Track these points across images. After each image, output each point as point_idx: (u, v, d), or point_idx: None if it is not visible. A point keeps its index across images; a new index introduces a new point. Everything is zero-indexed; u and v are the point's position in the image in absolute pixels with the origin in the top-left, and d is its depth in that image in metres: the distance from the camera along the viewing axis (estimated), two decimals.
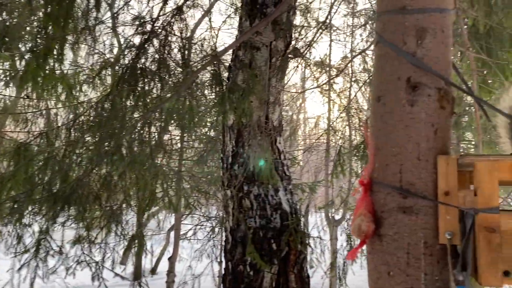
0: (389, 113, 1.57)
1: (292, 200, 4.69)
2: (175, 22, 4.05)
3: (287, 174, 4.78)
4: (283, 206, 4.55)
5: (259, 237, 4.40)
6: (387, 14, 1.63)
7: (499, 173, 1.34)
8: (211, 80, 4.38)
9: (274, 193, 4.55)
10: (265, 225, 4.43)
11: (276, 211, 4.50)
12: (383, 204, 1.53)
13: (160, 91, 4.12)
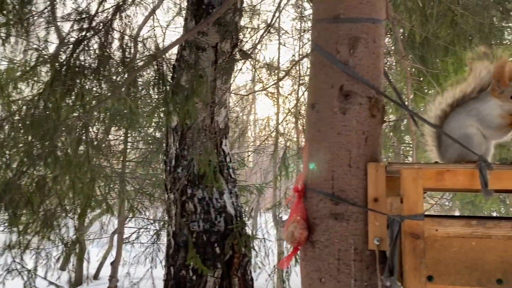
0: (322, 121, 1.58)
1: (237, 203, 4.67)
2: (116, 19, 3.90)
3: (233, 176, 4.75)
4: (228, 209, 4.51)
5: (203, 241, 4.34)
6: (321, 22, 1.64)
7: (423, 181, 1.39)
8: (154, 80, 4.26)
9: (219, 196, 4.50)
10: (209, 228, 4.38)
11: (220, 214, 4.46)
12: (316, 211, 1.54)
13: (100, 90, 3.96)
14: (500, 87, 1.49)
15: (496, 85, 1.49)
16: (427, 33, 3.77)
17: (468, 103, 1.56)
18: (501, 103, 1.49)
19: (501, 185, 1.36)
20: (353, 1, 1.59)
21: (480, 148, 1.51)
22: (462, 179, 1.38)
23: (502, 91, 1.48)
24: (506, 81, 1.48)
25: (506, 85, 1.48)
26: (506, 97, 1.48)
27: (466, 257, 1.37)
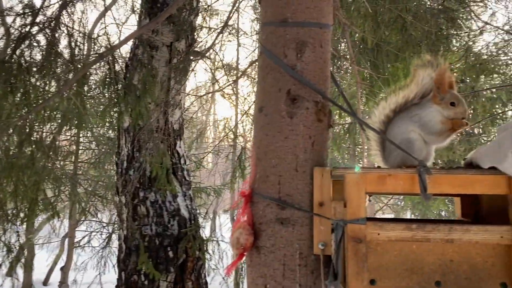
0: (269, 124, 1.57)
1: (191, 206, 4.59)
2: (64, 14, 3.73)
3: (187, 179, 4.67)
4: (182, 212, 4.43)
5: (155, 245, 4.24)
6: (269, 25, 1.63)
7: (366, 185, 1.40)
8: (106, 79, 4.12)
9: (173, 199, 4.42)
10: (161, 232, 4.28)
11: (174, 217, 4.37)
12: (262, 216, 1.53)
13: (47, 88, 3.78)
14: (440, 94, 1.53)
15: (437, 92, 1.54)
16: (379, 39, 3.86)
17: (411, 109, 1.60)
18: (442, 109, 1.53)
19: (440, 189, 1.40)
20: (301, 5, 1.59)
21: (421, 153, 1.55)
22: (403, 183, 1.41)
23: (442, 97, 1.53)
24: (445, 88, 1.53)
25: (445, 92, 1.53)
26: (446, 103, 1.52)
27: (407, 260, 1.39)
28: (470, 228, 1.36)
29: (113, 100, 4.12)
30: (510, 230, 1.34)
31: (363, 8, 3.82)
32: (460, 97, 1.52)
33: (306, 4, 1.59)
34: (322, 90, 1.59)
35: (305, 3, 1.59)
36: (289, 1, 1.60)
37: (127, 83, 4.12)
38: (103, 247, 6.45)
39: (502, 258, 1.37)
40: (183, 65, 4.52)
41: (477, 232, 1.35)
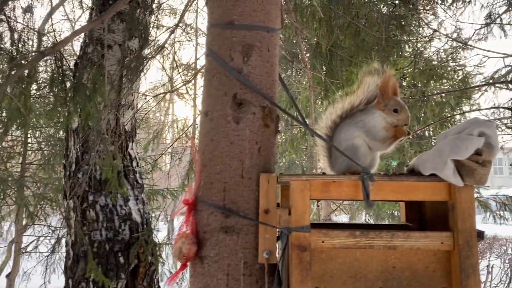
0: (215, 129, 1.52)
1: (144, 210, 4.46)
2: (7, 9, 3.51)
3: (140, 182, 4.53)
4: (134, 217, 4.29)
5: (105, 251, 4.07)
6: (216, 27, 1.58)
7: (311, 192, 1.39)
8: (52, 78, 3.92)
9: (124, 203, 4.26)
10: (112, 237, 4.12)
11: (125, 222, 4.22)
12: (206, 224, 1.48)
13: None
14: (384, 101, 1.54)
15: (381, 98, 1.55)
16: (333, 44, 3.90)
17: (356, 115, 1.60)
18: (385, 116, 1.54)
19: (383, 196, 1.41)
20: (248, 8, 1.56)
21: (365, 159, 1.55)
22: (347, 190, 1.40)
23: (386, 104, 1.54)
24: (389, 94, 1.54)
25: (389, 98, 1.54)
26: (389, 110, 1.54)
27: (351, 267, 1.39)
28: (411, 234, 1.37)
29: (60, 99, 3.93)
30: (450, 236, 1.37)
31: (318, 13, 3.85)
32: (403, 104, 1.54)
33: (253, 7, 1.56)
34: (269, 95, 1.56)
35: (252, 6, 1.56)
36: (236, 3, 1.55)
37: (76, 82, 3.95)
38: (50, 253, 6.16)
39: (443, 264, 1.39)
40: (135, 64, 4.38)
41: (419, 238, 1.37)
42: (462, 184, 1.34)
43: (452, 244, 1.36)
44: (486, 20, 5.43)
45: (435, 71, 5.72)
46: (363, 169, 1.39)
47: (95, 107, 3.88)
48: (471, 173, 1.31)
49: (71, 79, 4.12)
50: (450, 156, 1.29)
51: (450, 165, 1.30)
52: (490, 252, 8.27)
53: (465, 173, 1.32)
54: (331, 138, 1.64)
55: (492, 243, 8.40)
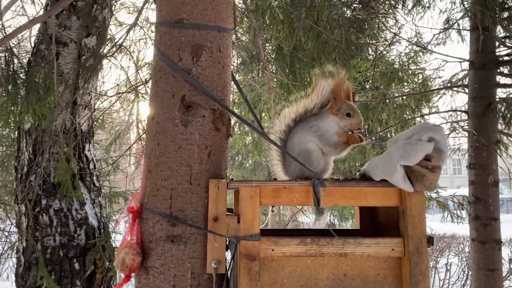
0: (162, 133, 1.45)
1: (101, 214, 4.30)
2: None
3: (97, 185, 4.36)
4: (90, 221, 4.12)
5: (59, 257, 3.89)
6: (164, 25, 1.51)
7: (261, 198, 1.34)
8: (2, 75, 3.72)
9: (80, 207, 4.09)
10: (66, 243, 3.94)
11: (81, 226, 4.05)
12: (152, 233, 1.40)
13: None
14: (337, 105, 1.51)
15: (334, 102, 1.52)
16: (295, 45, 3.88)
17: (310, 119, 1.57)
18: (338, 120, 1.51)
19: (334, 202, 1.38)
20: (197, 7, 1.49)
21: (319, 163, 1.52)
22: (298, 196, 1.36)
23: (339, 108, 1.51)
24: (342, 98, 1.51)
25: (342, 102, 1.51)
26: (342, 114, 1.51)
27: (302, 275, 1.35)
28: (362, 241, 1.35)
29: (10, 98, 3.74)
30: (400, 243, 1.35)
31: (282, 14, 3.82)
32: (355, 108, 1.51)
33: (203, 6, 1.50)
34: (220, 97, 1.50)
35: (203, 4, 1.49)
36: (185, 1, 1.49)
37: (28, 81, 3.76)
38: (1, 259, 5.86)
39: (394, 270, 1.37)
40: (92, 63, 4.22)
41: (370, 245, 1.35)
42: (412, 190, 1.32)
43: (402, 251, 1.35)
44: (445, 25, 5.58)
45: (396, 74, 5.83)
46: (314, 175, 1.35)
47: (48, 107, 3.70)
48: (421, 179, 1.30)
49: (23, 78, 3.92)
50: (400, 162, 1.27)
51: (400, 171, 1.29)
52: (448, 251, 8.53)
53: (414, 178, 1.31)
54: (285, 142, 1.60)
55: (451, 242, 8.67)
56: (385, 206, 1.42)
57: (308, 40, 4.03)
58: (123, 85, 10.06)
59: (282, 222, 9.95)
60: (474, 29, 4.71)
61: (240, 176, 10.14)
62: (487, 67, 4.58)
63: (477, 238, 4.41)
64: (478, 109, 4.56)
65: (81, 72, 4.21)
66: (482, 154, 4.45)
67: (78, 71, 4.20)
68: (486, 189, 4.43)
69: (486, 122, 4.51)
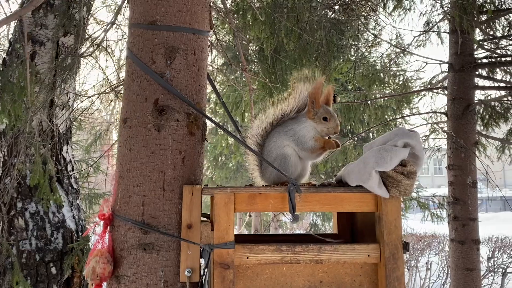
0: (134, 138, 1.41)
1: (79, 216, 4.21)
2: None
3: (75, 187, 4.27)
4: (68, 224, 4.03)
5: (35, 261, 3.80)
6: (137, 27, 1.47)
7: (236, 205, 1.31)
8: None
9: (57, 210, 4.00)
10: (43, 247, 3.85)
11: (58, 230, 3.96)
12: (123, 241, 1.36)
13: None
14: (314, 109, 1.50)
15: (311, 106, 1.50)
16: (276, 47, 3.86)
17: (287, 123, 1.55)
18: (315, 124, 1.50)
19: (309, 208, 1.36)
20: (172, 8, 1.45)
21: (296, 168, 1.50)
22: (274, 202, 1.34)
23: (316, 112, 1.49)
24: (319, 103, 1.49)
25: (319, 107, 1.49)
26: (319, 118, 1.49)
27: (277, 283, 1.33)
28: (338, 247, 1.33)
29: None
30: (376, 249, 1.34)
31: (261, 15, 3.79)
32: (332, 112, 1.50)
33: (177, 7, 1.46)
34: (195, 101, 1.47)
35: (177, 6, 1.46)
36: (159, 3, 1.45)
37: (3, 80, 3.66)
38: None
39: (370, 276, 1.36)
40: (70, 62, 4.13)
41: (345, 251, 1.33)
42: (388, 196, 1.31)
43: (378, 257, 1.34)
44: (425, 28, 5.64)
45: (377, 76, 5.87)
46: (290, 180, 1.33)
47: (24, 107, 3.61)
48: (396, 185, 1.29)
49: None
50: (375, 168, 1.26)
51: (375, 177, 1.27)
52: (429, 250, 8.63)
53: (390, 184, 1.30)
54: (261, 147, 1.58)
55: (431, 241, 8.78)
56: (360, 213, 1.41)
57: (290, 41, 4.02)
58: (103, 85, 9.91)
59: (267, 222, 9.94)
60: (453, 32, 4.76)
61: (223, 176, 10.10)
62: (465, 70, 4.63)
63: (456, 238, 4.47)
64: (457, 110, 4.62)
65: (58, 71, 4.12)
66: (461, 155, 4.51)
67: (55, 70, 4.11)
68: (464, 190, 4.48)
69: (465, 124, 4.56)
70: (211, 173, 10.78)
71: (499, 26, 4.97)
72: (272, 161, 1.48)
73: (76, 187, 4.37)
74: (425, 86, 6.01)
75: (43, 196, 3.90)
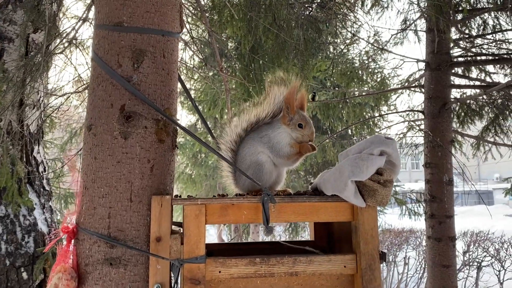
0: (99, 146, 1.33)
1: (52, 219, 4.08)
2: None
3: (47, 188, 4.13)
4: (39, 227, 3.90)
5: (5, 266, 3.66)
6: (102, 28, 1.39)
7: (207, 217, 1.25)
8: None
9: (28, 213, 3.86)
10: (13, 251, 3.71)
11: (29, 233, 3.82)
12: (88, 256, 1.28)
13: None
14: (289, 114, 1.45)
15: (286, 112, 1.45)
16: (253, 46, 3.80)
17: (262, 129, 1.49)
18: (290, 131, 1.45)
19: (285, 218, 1.31)
20: (139, 9, 1.38)
21: (270, 176, 1.45)
22: (247, 213, 1.28)
23: (291, 118, 1.44)
24: (294, 108, 1.44)
25: (294, 112, 1.44)
26: (294, 125, 1.44)
27: None
28: (314, 259, 1.29)
29: None
30: (353, 259, 1.30)
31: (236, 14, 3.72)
32: (308, 119, 1.45)
33: (145, 8, 1.38)
34: (165, 106, 1.40)
35: (145, 6, 1.38)
36: (125, 3, 1.37)
37: None
38: None
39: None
40: (40, 60, 3.97)
41: (321, 263, 1.29)
42: (364, 205, 1.28)
43: (355, 268, 1.30)
44: (402, 26, 5.66)
45: (356, 73, 5.88)
46: (263, 190, 1.28)
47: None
48: (373, 194, 1.25)
49: None
50: (350, 178, 1.22)
51: (351, 187, 1.23)
52: (406, 245, 8.75)
53: (366, 193, 1.26)
54: (235, 153, 1.52)
55: (409, 236, 8.90)
56: (337, 221, 1.37)
57: (268, 39, 3.96)
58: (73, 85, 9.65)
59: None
60: (430, 30, 4.79)
61: (203, 173, 10.00)
62: (442, 68, 4.67)
63: (433, 235, 4.51)
64: (433, 109, 4.65)
65: (27, 69, 3.97)
66: (438, 153, 4.55)
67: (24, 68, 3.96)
68: (441, 188, 4.52)
69: (441, 122, 4.60)
70: (191, 171, 10.67)
71: (474, 25, 5.03)
72: (246, 168, 1.43)
73: (49, 189, 4.23)
74: (403, 83, 6.05)
75: (11, 199, 3.77)
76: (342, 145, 6.95)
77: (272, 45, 3.96)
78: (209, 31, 2.49)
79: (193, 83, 5.25)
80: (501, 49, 5.01)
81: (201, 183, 10.23)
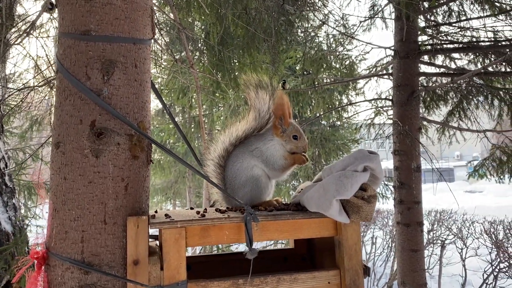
0: (69, 165, 1.24)
1: (16, 217, 3.91)
2: None
3: (9, 185, 3.94)
4: (3, 227, 3.73)
5: None
6: (68, 36, 1.28)
7: (188, 239, 1.20)
8: None
9: None
10: None
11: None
12: (61, 283, 1.21)
13: None
14: (282, 126, 1.40)
15: (279, 123, 1.40)
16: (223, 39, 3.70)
17: (250, 141, 1.44)
18: (284, 142, 1.41)
19: (268, 237, 1.28)
20: (108, 16, 1.27)
21: (267, 189, 1.42)
22: (229, 233, 1.24)
23: (285, 130, 1.40)
24: (288, 120, 1.41)
25: (288, 124, 1.41)
26: (288, 136, 1.40)
27: None
28: (298, 276, 1.27)
29: None
30: (337, 275, 1.29)
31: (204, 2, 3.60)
32: (301, 130, 1.42)
33: (114, 14, 1.28)
34: (138, 119, 1.31)
35: (114, 12, 1.28)
36: (92, 9, 1.26)
37: None
38: None
39: None
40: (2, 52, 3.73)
41: (305, 280, 1.27)
42: (349, 221, 1.26)
43: (339, 283, 1.29)
44: (370, 12, 5.66)
45: (324, 59, 5.86)
46: (246, 209, 1.24)
47: None
48: (357, 210, 1.24)
49: None
50: (336, 197, 1.20)
51: (336, 205, 1.21)
52: (374, 225, 9.00)
53: (350, 210, 1.25)
54: (223, 168, 1.47)
55: (376, 217, 9.14)
56: (320, 237, 1.35)
57: (238, 28, 3.86)
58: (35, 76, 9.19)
59: None
60: (398, 18, 4.81)
61: (171, 160, 9.84)
62: (410, 57, 4.72)
63: (402, 221, 4.64)
64: (402, 97, 4.72)
65: None
66: (406, 141, 4.64)
67: None
68: (409, 174, 4.63)
69: (409, 110, 4.68)
70: (159, 156, 10.50)
71: (440, 12, 5.09)
72: (243, 184, 1.39)
73: (11, 185, 4.04)
74: (370, 69, 6.09)
75: None
76: (311, 132, 6.98)
77: (242, 35, 3.88)
78: (179, 26, 2.38)
79: (160, 71, 5.09)
80: (465, 36, 5.11)
81: (170, 169, 10.09)
